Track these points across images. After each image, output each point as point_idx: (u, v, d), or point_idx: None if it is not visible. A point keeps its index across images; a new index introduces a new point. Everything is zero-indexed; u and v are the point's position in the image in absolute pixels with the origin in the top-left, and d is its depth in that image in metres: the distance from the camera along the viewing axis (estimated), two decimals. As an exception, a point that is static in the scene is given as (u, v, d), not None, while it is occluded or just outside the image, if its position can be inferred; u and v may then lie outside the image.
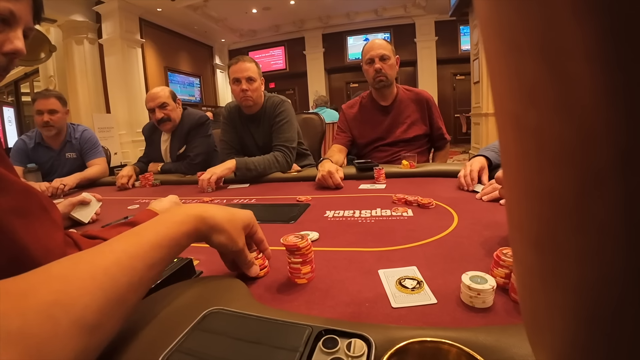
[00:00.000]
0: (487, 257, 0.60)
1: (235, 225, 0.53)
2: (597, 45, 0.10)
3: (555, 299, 0.15)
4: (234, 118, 1.81)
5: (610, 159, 0.11)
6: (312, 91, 8.65)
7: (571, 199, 0.12)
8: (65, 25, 5.88)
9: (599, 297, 0.13)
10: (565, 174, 0.12)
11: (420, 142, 1.73)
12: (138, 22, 6.57)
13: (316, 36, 8.83)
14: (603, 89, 0.10)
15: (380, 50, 1.63)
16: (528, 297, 0.17)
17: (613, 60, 0.10)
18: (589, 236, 0.12)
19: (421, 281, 0.52)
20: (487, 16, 0.14)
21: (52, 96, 1.96)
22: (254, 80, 1.65)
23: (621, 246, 0.11)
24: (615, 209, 0.11)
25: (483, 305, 0.45)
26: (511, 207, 0.17)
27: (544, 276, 0.15)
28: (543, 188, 0.14)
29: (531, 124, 0.13)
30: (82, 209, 1.12)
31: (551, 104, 0.12)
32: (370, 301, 0.48)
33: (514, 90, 0.14)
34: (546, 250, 0.14)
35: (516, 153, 0.15)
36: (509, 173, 0.16)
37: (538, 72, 0.12)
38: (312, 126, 2.12)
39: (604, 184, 0.11)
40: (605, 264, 0.12)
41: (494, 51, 0.14)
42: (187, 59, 8.29)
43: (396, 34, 8.36)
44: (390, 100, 1.73)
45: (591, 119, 0.11)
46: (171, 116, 1.96)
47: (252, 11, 7.71)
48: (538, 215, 0.14)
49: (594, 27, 0.10)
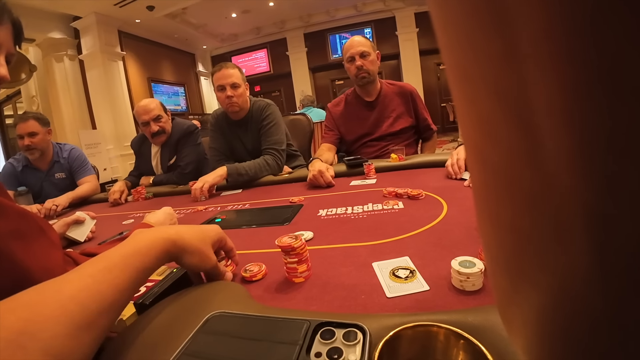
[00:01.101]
0: (476, 242, 0.62)
1: (206, 244, 0.54)
2: (561, 99, 0.09)
3: (525, 316, 0.14)
4: (221, 125, 1.82)
5: (574, 212, 0.10)
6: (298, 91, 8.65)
7: (534, 238, 0.12)
8: (44, 43, 5.81)
9: (571, 326, 0.12)
10: (526, 215, 0.12)
11: (407, 135, 1.75)
12: (117, 35, 6.51)
13: (298, 36, 8.83)
14: (566, 145, 0.09)
15: (359, 48, 1.65)
16: (499, 304, 0.17)
17: (579, 117, 0.09)
18: (557, 276, 0.11)
19: (414, 270, 0.54)
20: (441, 34, 0.13)
21: (30, 118, 1.94)
22: (239, 85, 1.66)
23: (595, 289, 0.10)
24: (583, 257, 0.10)
25: (473, 288, 0.48)
26: (480, 226, 0.16)
27: (512, 297, 0.15)
28: (506, 222, 0.13)
29: (492, 160, 0.12)
30: (77, 228, 1.12)
31: (510, 147, 0.11)
32: (366, 293, 0.50)
33: (474, 123, 0.13)
34: (513, 277, 0.14)
35: (479, 181, 0.14)
36: (475, 195, 0.15)
37: (494, 111, 0.11)
38: (300, 127, 2.13)
39: (568, 232, 0.10)
40: (577, 301, 0.11)
41: (451, 75, 0.13)
42: (170, 68, 8.24)
43: (377, 28, 8.39)
44: (374, 95, 1.75)
45: (553, 169, 0.10)
46: (165, 128, 1.96)
47: (231, 15, 7.68)
48: (503, 246, 0.14)
49: (560, 77, 0.09)
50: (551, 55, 0.09)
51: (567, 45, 0.08)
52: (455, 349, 0.31)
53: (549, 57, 0.09)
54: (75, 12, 5.84)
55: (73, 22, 6.03)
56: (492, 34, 0.10)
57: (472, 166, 0.14)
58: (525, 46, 0.09)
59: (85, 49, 6.13)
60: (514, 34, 0.09)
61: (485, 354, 0.29)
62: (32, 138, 1.93)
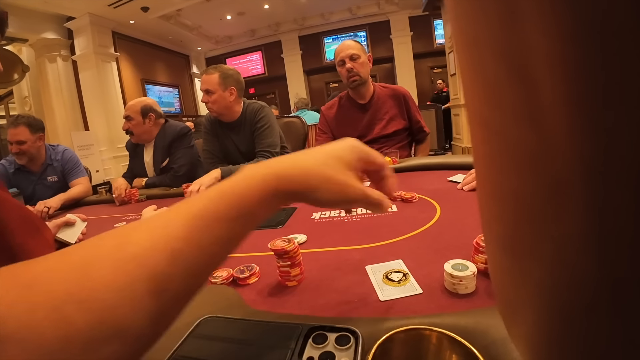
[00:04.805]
0: (469, 245, 0.62)
1: (339, 169, 0.37)
2: (560, 51, 0.09)
3: (527, 297, 0.14)
4: (215, 127, 1.81)
5: (573, 169, 0.10)
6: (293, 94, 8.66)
7: (535, 204, 0.12)
8: (38, 44, 5.76)
9: (570, 299, 0.12)
10: (528, 179, 0.12)
11: (400, 137, 1.76)
12: (111, 36, 6.47)
13: (293, 39, 8.84)
14: (565, 96, 0.10)
15: (349, 51, 1.66)
16: (501, 292, 0.17)
17: (576, 68, 0.09)
18: (556, 243, 0.12)
19: (407, 273, 0.54)
20: (451, 5, 0.14)
21: (21, 124, 1.91)
22: (212, 92, 1.65)
23: (591, 255, 0.11)
24: (581, 220, 0.11)
25: (466, 291, 0.48)
26: (482, 206, 0.16)
27: (514, 276, 0.15)
28: (508, 190, 0.13)
29: (495, 125, 0.13)
30: (68, 230, 1.11)
31: (513, 107, 0.11)
32: (359, 296, 0.50)
33: (479, 88, 0.13)
34: (515, 252, 0.14)
35: (483, 152, 0.14)
36: (478, 171, 0.16)
37: (498, 72, 0.12)
38: (294, 129, 2.13)
39: (567, 194, 0.11)
40: (575, 271, 0.12)
41: (459, 44, 0.14)
42: (164, 69, 8.20)
43: (372, 31, 8.43)
44: (367, 97, 1.76)
45: (553, 126, 0.10)
46: (134, 131, 1.95)
47: (226, 17, 7.67)
48: (505, 218, 0.14)
49: (558, 31, 0.09)
50: (551, 5, 0.09)
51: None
52: (447, 352, 0.31)
53: (549, 7, 0.09)
54: (69, 13, 5.80)
55: (67, 23, 5.99)
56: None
57: (475, 136, 0.14)
58: (526, 3, 0.10)
59: (79, 50, 6.09)
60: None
61: (477, 356, 0.29)
62: (20, 146, 1.91)
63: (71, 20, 5.95)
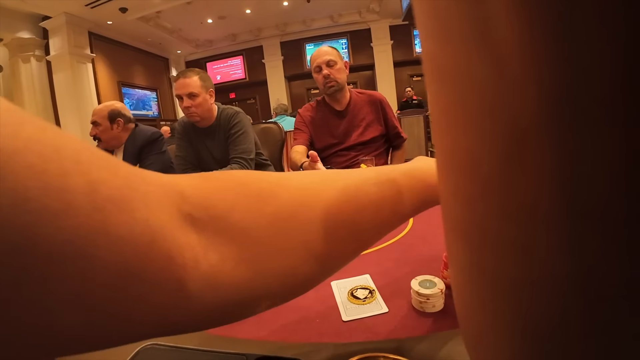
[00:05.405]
0: (439, 259, 0.60)
1: None
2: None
3: (487, 305, 0.12)
4: (188, 132, 1.76)
5: (535, 112, 0.08)
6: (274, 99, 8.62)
7: (493, 169, 0.10)
8: (12, 43, 5.56)
9: (536, 307, 0.10)
10: (483, 132, 0.10)
11: (377, 144, 1.75)
12: (87, 37, 6.31)
13: (274, 44, 8.83)
14: (519, 26, 0.08)
15: (325, 57, 1.65)
16: (461, 304, 0.14)
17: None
18: (517, 224, 0.09)
19: (373, 290, 0.52)
20: None
21: None
22: (196, 95, 1.60)
23: (562, 241, 0.09)
24: (545, 185, 0.08)
25: (433, 310, 0.45)
26: (440, 182, 0.13)
27: (473, 276, 0.12)
28: (463, 153, 0.11)
29: (447, 64, 0.10)
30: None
31: (466, 37, 0.09)
32: (321, 316, 0.47)
33: (430, 27, 0.11)
34: (474, 242, 0.11)
35: (439, 108, 0.12)
36: (435, 139, 0.13)
37: (448, 6, 0.10)
38: (271, 135, 2.10)
39: (528, 149, 0.08)
40: (542, 264, 0.09)
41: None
42: (142, 72, 8.04)
43: (353, 39, 8.51)
44: (344, 104, 1.74)
45: (511, 55, 0.08)
46: (101, 137, 1.88)
47: (207, 21, 7.59)
48: (460, 193, 0.12)
49: None
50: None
51: None
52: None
53: None
54: (44, 12, 5.65)
55: (42, 22, 5.81)
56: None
57: (431, 94, 0.12)
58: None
59: (54, 50, 5.91)
60: None
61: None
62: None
63: (47, 19, 5.77)
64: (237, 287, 0.19)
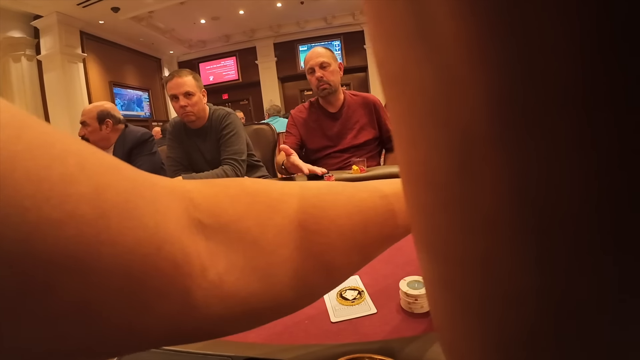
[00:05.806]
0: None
1: None
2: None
3: (456, 319, 0.11)
4: (179, 133, 1.74)
5: (485, 118, 0.07)
6: (267, 100, 8.60)
7: (450, 181, 0.09)
8: (3, 42, 5.48)
9: (506, 323, 0.09)
10: (438, 142, 0.09)
11: (370, 147, 1.75)
12: (79, 36, 6.24)
13: (268, 45, 8.81)
14: (463, 23, 0.07)
15: (319, 59, 1.64)
16: (433, 313, 0.14)
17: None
18: (481, 237, 0.09)
19: (362, 291, 0.52)
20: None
21: None
22: (192, 94, 1.59)
23: (528, 255, 0.08)
24: (503, 199, 0.08)
25: (421, 310, 0.45)
26: (405, 200, 0.13)
27: (442, 289, 0.12)
28: (420, 166, 0.10)
29: (395, 69, 0.10)
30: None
31: (409, 38, 0.09)
32: (310, 318, 0.47)
33: (375, 30, 0.10)
34: (439, 255, 0.11)
35: (395, 116, 0.11)
36: (395, 148, 0.12)
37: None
38: (263, 137, 2.09)
39: (482, 158, 0.08)
40: (510, 279, 0.09)
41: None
42: (134, 72, 7.97)
43: (347, 41, 8.52)
44: (338, 106, 1.74)
45: (456, 55, 0.07)
46: (90, 138, 1.86)
47: (200, 21, 7.56)
48: (421, 204, 0.11)
49: None
50: None
51: None
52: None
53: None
54: (36, 11, 5.57)
55: (33, 21, 5.74)
56: None
57: (385, 96, 0.11)
58: None
59: (45, 50, 5.83)
60: None
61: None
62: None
63: (38, 18, 5.71)
64: (244, 296, 0.19)
